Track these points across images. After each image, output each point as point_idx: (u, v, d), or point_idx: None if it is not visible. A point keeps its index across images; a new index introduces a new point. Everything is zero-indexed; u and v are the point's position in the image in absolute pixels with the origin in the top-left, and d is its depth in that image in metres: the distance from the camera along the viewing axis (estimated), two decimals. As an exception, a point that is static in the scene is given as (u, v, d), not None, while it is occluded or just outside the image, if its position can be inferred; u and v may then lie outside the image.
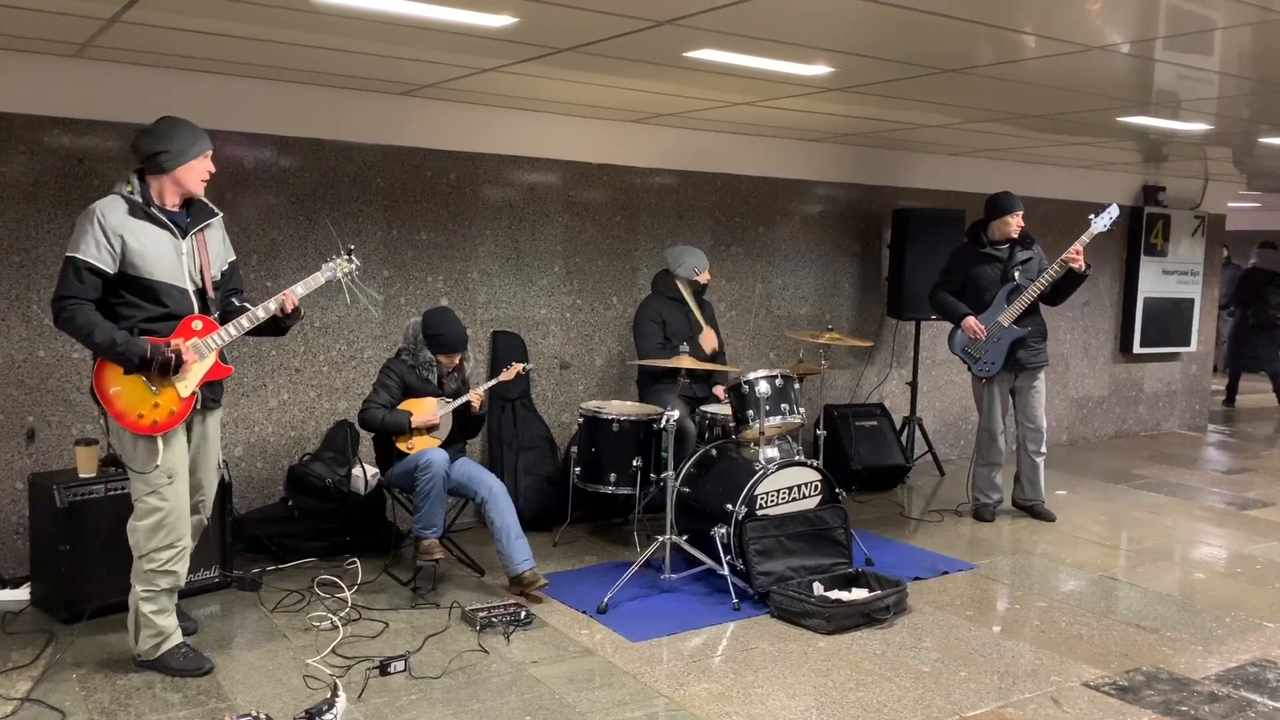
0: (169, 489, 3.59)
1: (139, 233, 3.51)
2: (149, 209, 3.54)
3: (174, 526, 3.62)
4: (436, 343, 4.69)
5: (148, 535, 3.60)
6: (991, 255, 5.94)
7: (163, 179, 3.57)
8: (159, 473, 3.57)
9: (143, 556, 3.62)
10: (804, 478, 4.88)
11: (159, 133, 3.56)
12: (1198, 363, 9.74)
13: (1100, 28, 3.75)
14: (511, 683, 3.71)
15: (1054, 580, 5.08)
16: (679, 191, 6.56)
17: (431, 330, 4.70)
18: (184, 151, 3.57)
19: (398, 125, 5.50)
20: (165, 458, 3.57)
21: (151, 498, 3.59)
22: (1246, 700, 3.70)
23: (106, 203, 3.51)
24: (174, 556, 3.65)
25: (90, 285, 3.44)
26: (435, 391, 4.73)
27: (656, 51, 4.21)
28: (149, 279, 3.51)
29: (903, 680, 3.81)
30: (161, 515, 3.59)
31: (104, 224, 3.45)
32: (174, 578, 3.67)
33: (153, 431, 3.54)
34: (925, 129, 6.29)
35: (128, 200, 3.53)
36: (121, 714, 3.39)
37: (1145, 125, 5.98)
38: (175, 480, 3.61)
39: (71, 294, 3.43)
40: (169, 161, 3.55)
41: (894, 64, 4.39)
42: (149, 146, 3.55)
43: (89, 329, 3.42)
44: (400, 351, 4.79)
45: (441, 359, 4.71)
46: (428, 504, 4.46)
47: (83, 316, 3.43)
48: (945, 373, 7.89)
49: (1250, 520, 6.40)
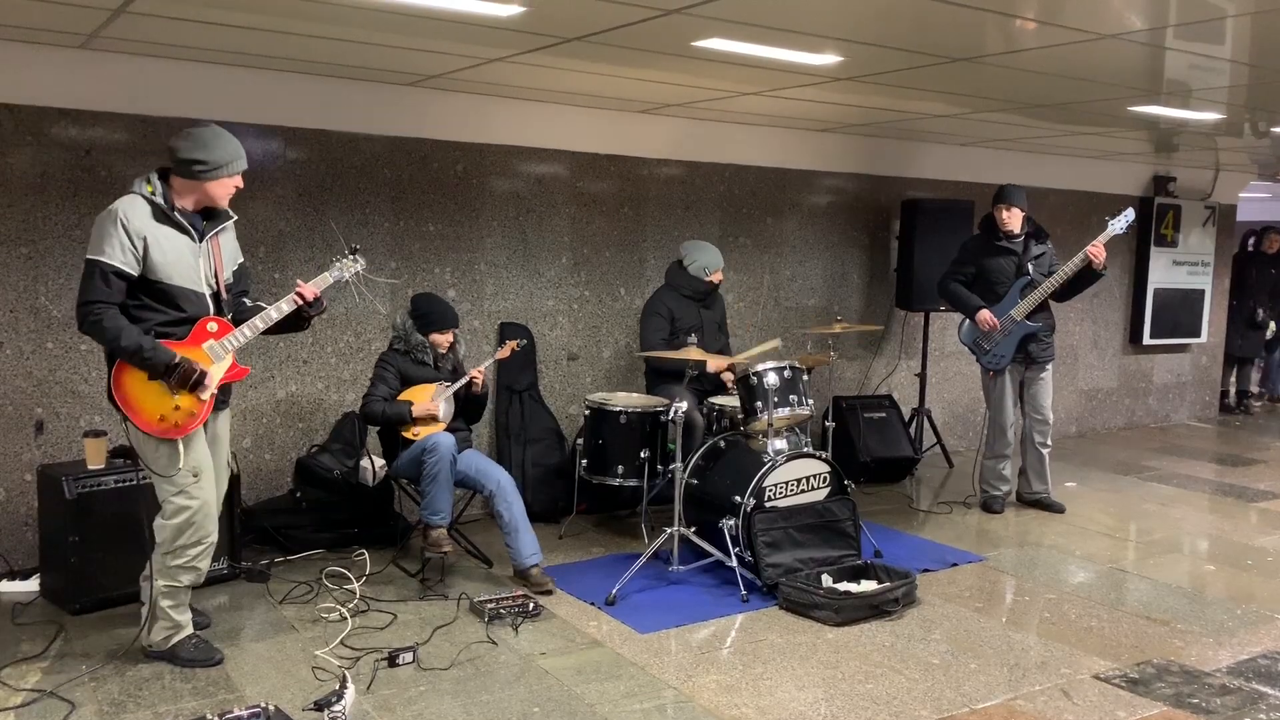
0: (196, 487, 3.58)
1: (160, 237, 3.47)
2: (171, 212, 3.50)
3: (202, 524, 3.62)
4: (427, 322, 4.73)
5: (175, 534, 3.60)
6: (1006, 248, 5.91)
7: (190, 184, 3.52)
8: (184, 473, 3.56)
9: (169, 552, 3.62)
10: (812, 469, 4.87)
11: (200, 141, 3.50)
12: (1208, 354, 9.70)
13: (1110, 15, 3.72)
14: (520, 674, 3.71)
15: (1063, 572, 5.06)
16: (687, 182, 6.54)
17: (420, 311, 4.75)
18: (221, 166, 3.52)
19: (405, 116, 5.48)
20: (188, 459, 3.56)
21: (179, 498, 3.57)
22: (1258, 693, 3.68)
23: (127, 203, 3.45)
24: (201, 553, 3.65)
25: (116, 289, 3.41)
26: (433, 376, 4.77)
27: (664, 41, 4.19)
28: (168, 283, 3.49)
29: (912, 672, 3.80)
30: (190, 513, 3.58)
31: (127, 226, 3.40)
32: (197, 574, 3.69)
33: (173, 434, 3.52)
34: (934, 119, 6.25)
35: (150, 201, 3.48)
36: (131, 705, 3.40)
37: (1156, 114, 5.93)
38: (202, 477, 3.60)
39: (98, 298, 3.38)
40: (204, 173, 3.50)
41: (903, 53, 4.36)
42: (186, 152, 3.48)
43: (116, 334, 3.39)
44: (392, 342, 4.82)
45: (435, 338, 4.75)
46: (435, 488, 4.45)
47: (110, 321, 3.39)
48: (954, 364, 7.86)
49: (1261, 512, 6.37)
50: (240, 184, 3.63)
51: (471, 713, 3.39)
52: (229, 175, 3.56)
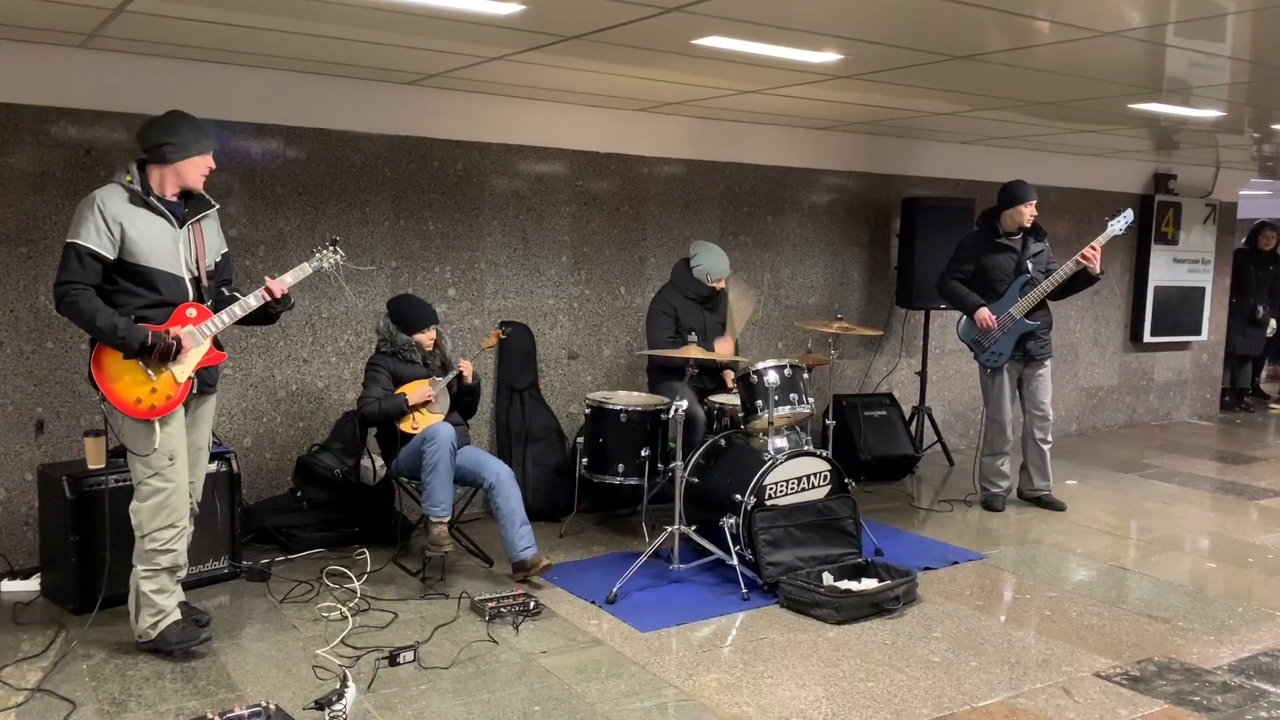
0: (170, 469, 3.66)
1: (138, 221, 3.57)
2: (148, 198, 3.61)
3: (176, 506, 3.69)
4: (405, 323, 4.78)
5: (150, 515, 3.67)
6: (1005, 245, 5.90)
7: (164, 169, 3.63)
8: (159, 454, 3.63)
9: (145, 536, 3.69)
10: (813, 468, 4.86)
11: (165, 124, 3.63)
12: (1208, 352, 9.69)
13: (1111, 12, 3.71)
14: (521, 673, 3.70)
15: (1064, 570, 5.06)
16: (687, 181, 6.53)
17: (397, 313, 4.81)
18: (188, 146, 3.64)
19: (404, 115, 5.48)
20: (163, 440, 3.63)
21: (154, 479, 3.65)
22: (1260, 690, 3.68)
23: (106, 191, 3.58)
24: (175, 536, 3.71)
25: (91, 270, 3.50)
26: (424, 373, 4.81)
27: (664, 39, 4.18)
28: (146, 266, 3.58)
29: (913, 670, 3.80)
30: (165, 495, 3.66)
31: (104, 211, 3.52)
32: (174, 555, 3.73)
33: (149, 416, 3.60)
34: (935, 117, 6.25)
35: (127, 189, 3.60)
36: (132, 704, 3.40)
37: (1157, 112, 5.93)
38: (176, 460, 3.68)
39: (73, 279, 3.49)
40: (172, 154, 3.61)
41: (904, 51, 4.36)
42: (154, 137, 3.61)
43: (91, 313, 3.48)
44: (379, 345, 4.85)
45: (418, 338, 4.79)
46: (434, 478, 4.45)
47: (85, 301, 3.48)
48: (954, 362, 7.86)
49: (1262, 510, 6.36)
50: (211, 165, 3.73)
51: (472, 711, 3.39)
52: (198, 154, 3.67)
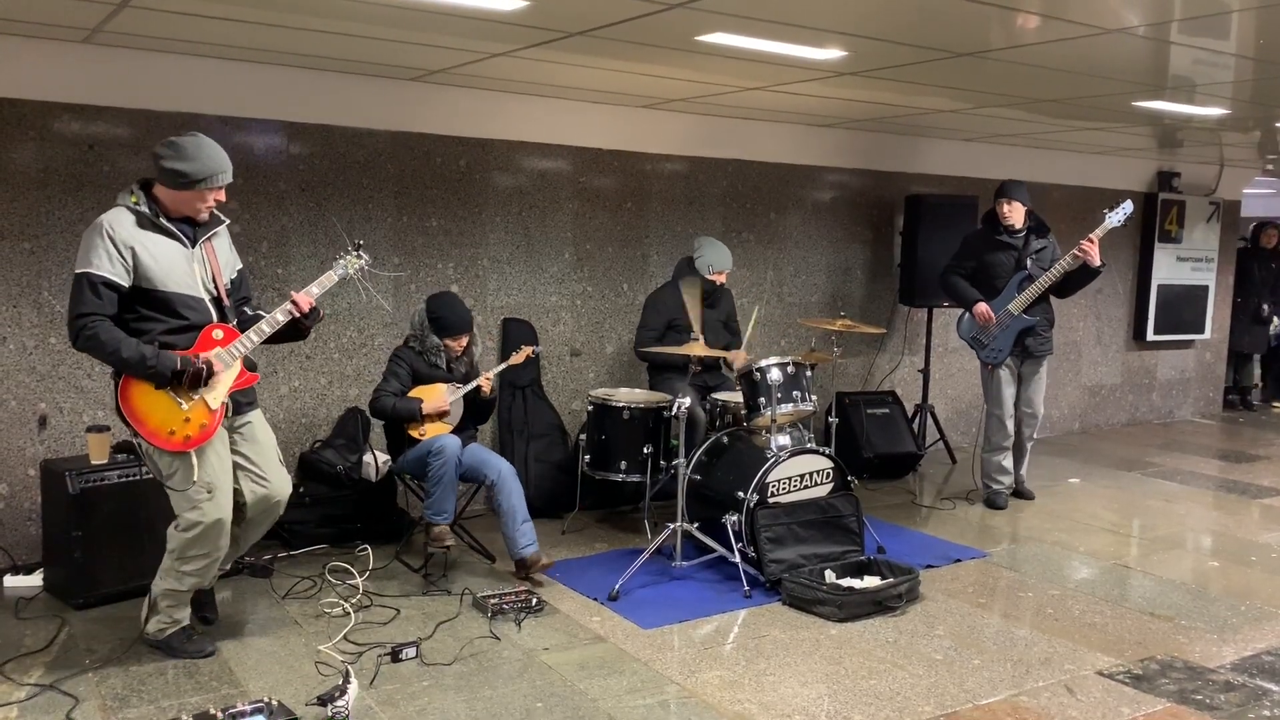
0: (209, 504, 3.52)
1: (149, 244, 3.42)
2: (157, 219, 3.45)
3: (214, 538, 3.59)
4: (440, 326, 4.67)
5: (186, 545, 3.58)
6: (1007, 242, 5.92)
7: (173, 193, 3.46)
8: (198, 488, 3.51)
9: (179, 558, 3.61)
10: (816, 465, 4.86)
11: (183, 152, 3.42)
12: (1211, 350, 9.68)
13: (1115, 9, 3.70)
14: (523, 669, 3.71)
15: (1067, 568, 5.06)
16: (690, 178, 6.52)
17: (434, 314, 4.69)
18: (202, 179, 3.44)
19: (408, 111, 5.48)
20: (202, 473, 3.51)
21: (193, 513, 3.52)
22: (1262, 689, 3.67)
23: (113, 216, 3.41)
24: (208, 564, 3.65)
25: (108, 300, 3.33)
26: (445, 377, 4.73)
27: (668, 36, 4.18)
28: (164, 290, 3.43)
29: (915, 668, 3.80)
30: (202, 529, 3.54)
31: (114, 236, 3.35)
32: (200, 580, 3.70)
33: (185, 448, 3.47)
34: (939, 114, 6.24)
35: (134, 211, 3.43)
36: (134, 699, 3.40)
37: (1161, 110, 5.92)
38: (216, 493, 3.54)
39: (89, 310, 3.30)
40: (184, 184, 3.43)
41: (907, 48, 4.35)
42: (169, 161, 3.42)
43: (115, 345, 3.32)
44: (408, 339, 4.78)
45: (448, 343, 4.70)
46: (439, 489, 4.46)
47: (106, 333, 3.32)
48: (957, 360, 7.85)
49: (1265, 508, 6.35)
50: (221, 197, 3.56)
51: (474, 707, 3.39)
52: (209, 189, 3.48)
